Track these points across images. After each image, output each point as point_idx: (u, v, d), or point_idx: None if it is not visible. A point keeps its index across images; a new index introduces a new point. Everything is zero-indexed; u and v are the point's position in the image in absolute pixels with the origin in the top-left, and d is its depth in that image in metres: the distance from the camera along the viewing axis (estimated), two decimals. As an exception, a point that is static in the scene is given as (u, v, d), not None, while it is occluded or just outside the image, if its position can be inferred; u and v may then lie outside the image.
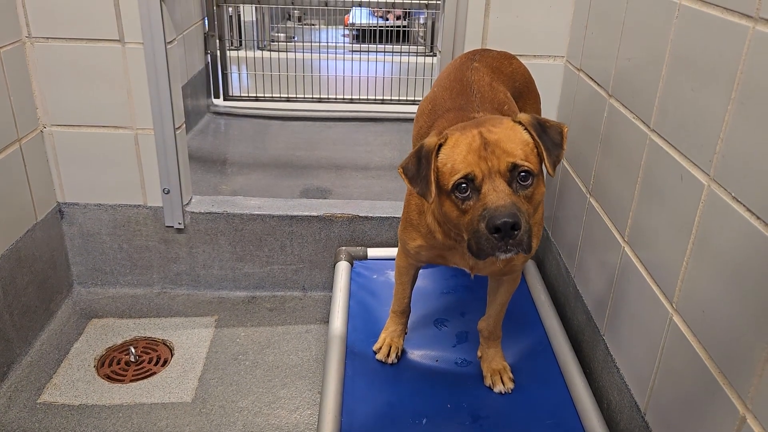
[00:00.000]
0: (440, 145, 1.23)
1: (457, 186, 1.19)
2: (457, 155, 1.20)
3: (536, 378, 1.72)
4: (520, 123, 1.24)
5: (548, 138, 1.23)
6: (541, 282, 2.10)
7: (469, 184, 1.18)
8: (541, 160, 1.23)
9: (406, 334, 1.80)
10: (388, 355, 1.75)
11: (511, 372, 1.69)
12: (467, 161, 1.18)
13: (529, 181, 1.19)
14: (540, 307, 1.99)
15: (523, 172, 1.18)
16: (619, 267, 1.58)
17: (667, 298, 1.32)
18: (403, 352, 1.78)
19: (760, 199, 1.02)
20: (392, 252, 2.19)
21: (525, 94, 1.78)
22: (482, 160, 1.17)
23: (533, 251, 1.38)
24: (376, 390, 1.66)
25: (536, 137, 1.22)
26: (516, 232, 1.14)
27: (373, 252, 2.23)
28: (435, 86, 1.69)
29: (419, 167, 1.23)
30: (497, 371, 1.68)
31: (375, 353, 1.77)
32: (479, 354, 1.74)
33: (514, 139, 1.20)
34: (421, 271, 1.78)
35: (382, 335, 1.79)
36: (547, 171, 1.22)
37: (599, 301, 1.71)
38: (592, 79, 1.80)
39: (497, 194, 1.15)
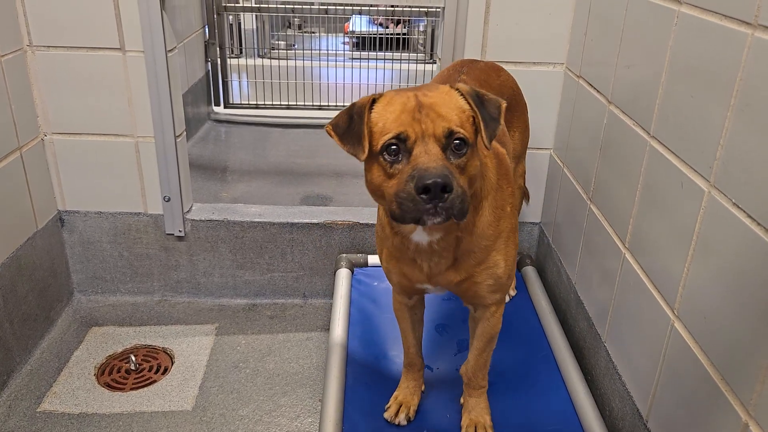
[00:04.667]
0: (373, 102, 1.17)
1: (387, 147, 1.11)
2: (389, 114, 1.13)
3: (537, 385, 1.71)
4: (457, 90, 1.19)
5: (486, 111, 1.17)
6: (542, 289, 2.10)
7: (400, 145, 1.11)
8: (476, 131, 1.17)
9: (423, 391, 1.65)
10: (396, 414, 1.58)
11: (493, 429, 1.54)
12: (400, 121, 1.12)
13: (464, 150, 1.13)
14: (541, 314, 1.98)
15: (457, 139, 1.12)
16: (620, 273, 1.57)
17: (669, 304, 1.32)
18: (418, 411, 1.61)
19: (760, 205, 1.02)
20: (393, 259, 2.19)
21: (513, 106, 1.75)
22: (416, 121, 1.11)
23: (512, 251, 1.36)
24: (376, 397, 1.65)
25: (473, 106, 1.16)
26: (446, 195, 1.06)
27: (373, 259, 2.23)
28: None
29: (350, 124, 1.16)
30: (474, 425, 1.54)
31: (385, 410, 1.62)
32: (461, 401, 1.61)
33: (450, 105, 1.15)
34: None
35: (395, 393, 1.63)
36: (483, 142, 1.17)
37: (600, 308, 1.71)
38: (592, 86, 1.80)
39: (429, 156, 1.09)
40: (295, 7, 3.94)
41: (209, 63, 3.70)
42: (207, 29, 3.67)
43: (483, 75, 1.68)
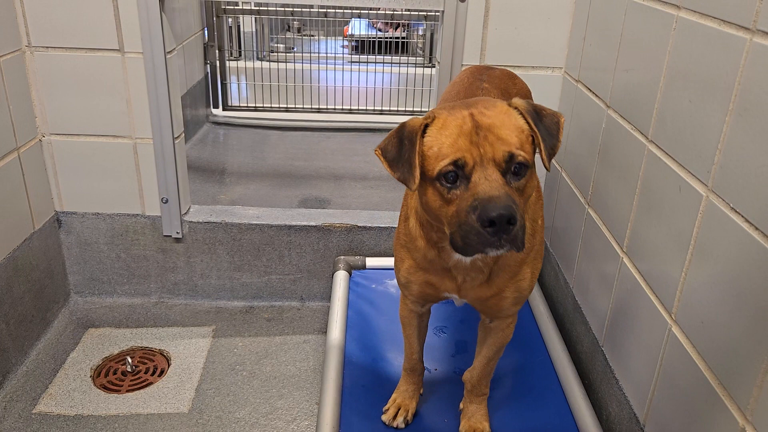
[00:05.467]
0: (426, 126, 1.12)
1: (444, 173, 1.07)
2: (445, 138, 1.08)
3: (535, 389, 1.71)
4: (515, 108, 1.13)
5: (544, 127, 1.12)
6: (540, 293, 2.10)
7: (458, 171, 1.06)
8: (534, 150, 1.12)
9: (421, 394, 1.65)
10: (395, 417, 1.57)
11: None
12: (457, 146, 1.06)
13: (523, 173, 1.08)
14: (538, 318, 1.98)
15: (518, 163, 1.07)
16: (617, 278, 1.58)
17: (666, 309, 1.32)
18: (416, 414, 1.61)
19: (758, 210, 1.03)
20: (391, 261, 2.18)
21: None
22: (474, 145, 1.06)
23: (539, 264, 1.34)
24: (374, 400, 1.65)
25: (533, 125, 1.11)
26: (511, 227, 1.02)
27: (371, 261, 2.23)
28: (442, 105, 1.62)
29: (401, 149, 1.11)
30: (472, 431, 1.54)
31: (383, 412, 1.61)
32: (461, 406, 1.61)
33: (509, 125, 1.09)
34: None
35: (393, 395, 1.63)
36: (543, 163, 1.13)
37: (598, 313, 1.71)
38: (591, 91, 1.81)
39: (490, 184, 1.03)
40: (295, 10, 3.95)
41: (208, 65, 3.71)
42: (206, 31, 3.67)
43: (502, 83, 1.66)
